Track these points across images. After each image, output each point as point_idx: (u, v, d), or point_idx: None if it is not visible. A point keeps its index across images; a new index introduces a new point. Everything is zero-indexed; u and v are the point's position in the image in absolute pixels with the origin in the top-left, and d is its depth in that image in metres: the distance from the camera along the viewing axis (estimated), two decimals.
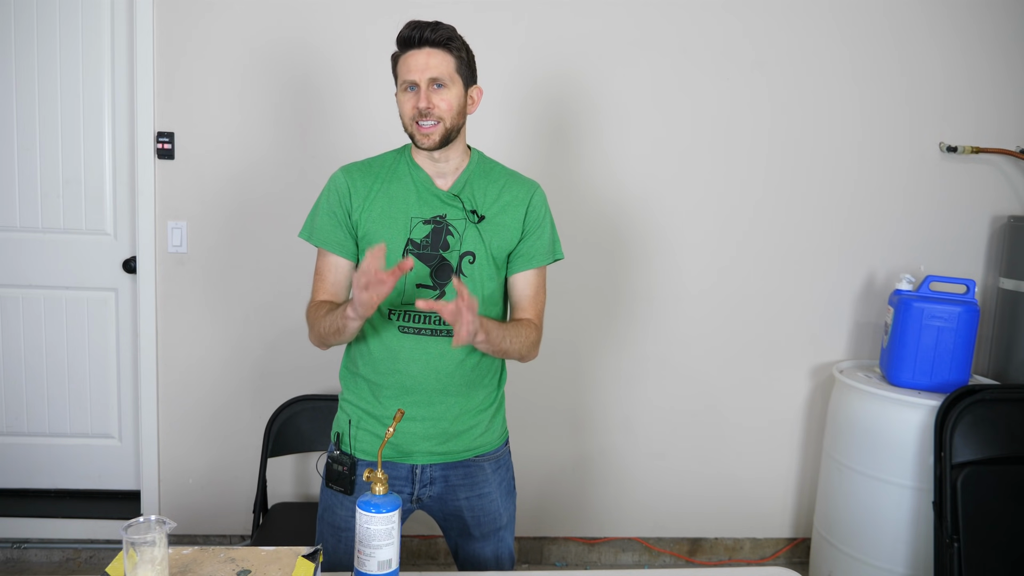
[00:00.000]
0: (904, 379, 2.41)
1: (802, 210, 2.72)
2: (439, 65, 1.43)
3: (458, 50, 1.46)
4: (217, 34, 2.49)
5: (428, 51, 1.43)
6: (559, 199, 2.47)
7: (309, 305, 1.54)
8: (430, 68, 1.43)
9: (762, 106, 2.65)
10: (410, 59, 1.44)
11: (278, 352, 2.63)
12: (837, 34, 2.64)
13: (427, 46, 1.43)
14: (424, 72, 1.43)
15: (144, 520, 1.13)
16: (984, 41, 2.67)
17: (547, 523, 2.81)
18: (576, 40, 2.57)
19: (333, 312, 1.45)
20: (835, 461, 2.53)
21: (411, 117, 1.45)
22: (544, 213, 1.58)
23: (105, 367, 2.73)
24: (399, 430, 1.49)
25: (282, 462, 2.65)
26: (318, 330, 1.49)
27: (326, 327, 1.46)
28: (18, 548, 2.67)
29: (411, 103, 1.44)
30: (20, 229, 2.65)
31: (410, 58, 1.44)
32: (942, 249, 2.76)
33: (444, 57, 1.44)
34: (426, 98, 1.43)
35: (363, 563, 1.23)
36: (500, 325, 1.49)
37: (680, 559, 2.87)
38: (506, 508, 1.63)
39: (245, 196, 2.56)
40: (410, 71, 1.44)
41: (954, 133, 2.71)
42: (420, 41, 1.43)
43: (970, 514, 2.11)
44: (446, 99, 1.44)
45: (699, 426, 2.80)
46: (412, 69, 1.43)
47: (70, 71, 2.59)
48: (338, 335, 1.45)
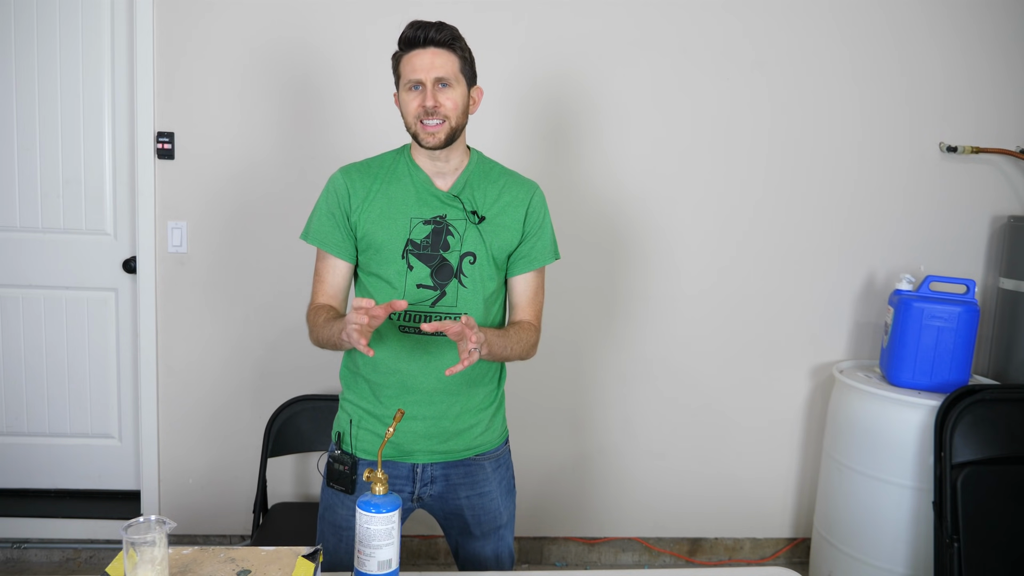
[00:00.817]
0: (904, 379, 2.41)
1: (802, 210, 2.72)
2: (444, 65, 1.44)
3: (462, 50, 1.47)
4: (217, 34, 2.49)
5: (433, 51, 1.44)
6: (559, 199, 2.48)
7: (309, 308, 1.55)
8: (436, 68, 1.43)
9: (762, 106, 2.65)
10: (415, 58, 1.44)
11: (278, 352, 2.63)
12: (837, 34, 2.64)
13: (432, 46, 1.44)
14: (430, 71, 1.43)
15: (144, 520, 1.13)
16: (984, 41, 2.67)
17: (547, 523, 2.81)
18: (576, 40, 2.57)
19: (331, 325, 1.46)
20: (835, 461, 2.53)
21: (416, 116, 1.45)
22: (544, 214, 1.59)
23: (105, 367, 2.73)
24: (399, 429, 1.50)
25: (282, 462, 2.65)
26: (317, 336, 1.51)
27: (323, 338, 1.48)
28: (18, 548, 2.67)
29: (416, 102, 1.45)
30: (20, 229, 2.65)
31: (415, 57, 1.44)
32: (942, 249, 2.76)
33: (449, 57, 1.45)
34: (433, 97, 1.43)
35: (363, 563, 1.23)
36: (501, 334, 1.49)
37: (680, 559, 2.87)
38: (506, 507, 1.64)
39: (245, 196, 2.56)
40: (415, 70, 1.44)
41: (954, 133, 2.71)
42: (425, 41, 1.43)
43: (970, 514, 2.11)
44: (451, 98, 1.45)
45: (699, 426, 2.80)
46: (417, 68, 1.44)
47: (70, 71, 2.59)
48: (335, 348, 1.48)
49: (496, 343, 1.45)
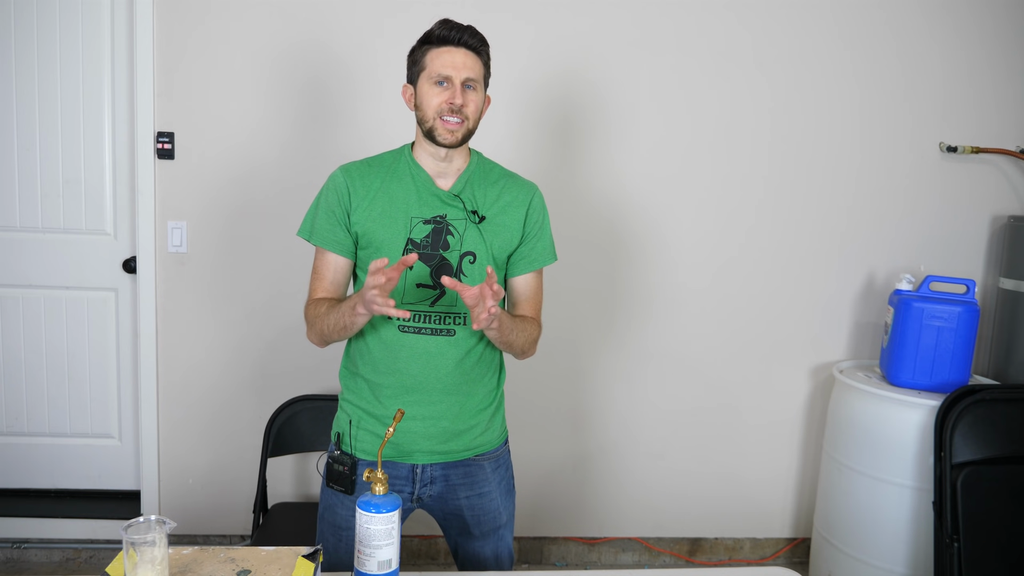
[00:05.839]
0: (904, 379, 2.41)
1: (802, 210, 2.72)
2: (474, 67, 1.47)
3: (487, 57, 1.51)
4: (217, 34, 2.49)
5: (465, 52, 1.47)
6: (560, 199, 2.49)
7: (307, 303, 1.55)
8: (467, 68, 1.46)
9: (763, 106, 2.65)
10: (446, 55, 1.46)
11: (278, 352, 2.63)
12: (837, 34, 2.64)
13: (464, 47, 1.47)
14: (462, 71, 1.45)
15: (144, 520, 1.13)
16: (984, 41, 2.67)
17: (547, 523, 2.81)
18: (577, 40, 2.57)
19: (336, 309, 1.45)
20: (835, 461, 2.53)
21: (438, 111, 1.46)
22: (543, 215, 1.60)
23: (105, 367, 2.73)
24: (399, 429, 1.50)
25: (282, 462, 2.65)
26: (319, 328, 1.49)
27: (330, 324, 1.47)
28: (18, 548, 2.67)
29: (442, 97, 1.46)
30: (20, 229, 2.65)
31: (446, 54, 1.46)
32: (942, 249, 2.76)
33: (477, 61, 1.48)
34: (462, 95, 1.45)
35: (363, 563, 1.23)
36: (511, 317, 1.52)
37: (680, 559, 2.87)
38: (506, 507, 1.64)
39: (245, 196, 2.56)
40: (446, 66, 1.45)
41: (954, 133, 2.71)
42: (459, 42, 1.46)
43: (970, 514, 2.11)
44: (474, 100, 1.48)
45: (699, 426, 2.80)
46: (449, 65, 1.45)
47: (70, 71, 2.59)
48: (344, 331, 1.46)
49: (506, 321, 1.47)
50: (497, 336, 1.47)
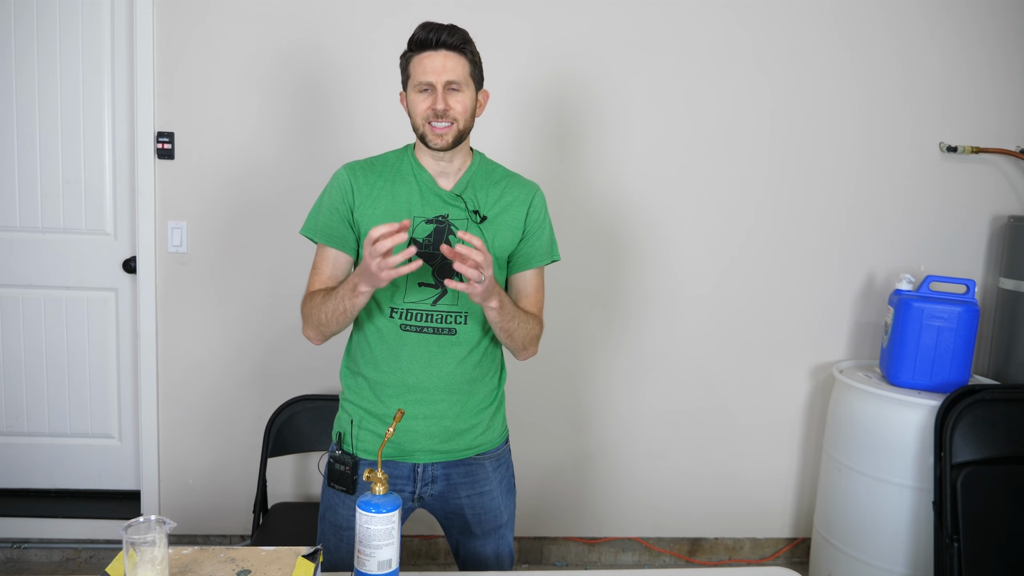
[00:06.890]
0: (904, 379, 2.41)
1: (802, 210, 2.72)
2: (455, 68, 1.44)
3: (472, 54, 1.48)
4: (217, 34, 2.49)
5: (445, 54, 1.44)
6: (561, 200, 2.48)
7: (303, 298, 1.54)
8: (447, 71, 1.44)
9: (763, 106, 2.65)
10: (426, 60, 1.44)
11: (278, 352, 2.63)
12: (837, 34, 2.64)
13: (443, 49, 1.44)
14: (441, 74, 1.43)
15: (144, 520, 1.13)
16: (984, 41, 2.67)
17: (547, 523, 2.81)
18: (577, 41, 2.57)
19: (333, 294, 1.44)
20: (835, 461, 2.53)
21: (424, 118, 1.45)
22: (544, 214, 1.60)
23: (105, 367, 2.73)
24: (400, 429, 1.50)
25: (282, 462, 2.65)
26: (316, 317, 1.48)
27: (328, 311, 1.45)
28: (18, 548, 2.67)
29: (426, 104, 1.45)
30: (20, 229, 2.65)
31: (426, 59, 1.44)
32: (942, 249, 2.76)
33: (460, 60, 1.45)
34: (443, 100, 1.44)
35: (363, 563, 1.23)
36: (514, 304, 1.51)
37: (680, 559, 2.87)
38: (506, 506, 1.64)
39: (245, 196, 2.56)
40: (426, 72, 1.44)
41: (954, 133, 2.71)
42: (437, 44, 1.43)
43: (970, 514, 2.11)
44: (461, 101, 1.46)
45: (699, 426, 2.80)
46: (429, 71, 1.44)
47: (70, 71, 2.59)
48: (343, 316, 1.44)
49: (508, 304, 1.46)
50: (498, 316, 1.45)
